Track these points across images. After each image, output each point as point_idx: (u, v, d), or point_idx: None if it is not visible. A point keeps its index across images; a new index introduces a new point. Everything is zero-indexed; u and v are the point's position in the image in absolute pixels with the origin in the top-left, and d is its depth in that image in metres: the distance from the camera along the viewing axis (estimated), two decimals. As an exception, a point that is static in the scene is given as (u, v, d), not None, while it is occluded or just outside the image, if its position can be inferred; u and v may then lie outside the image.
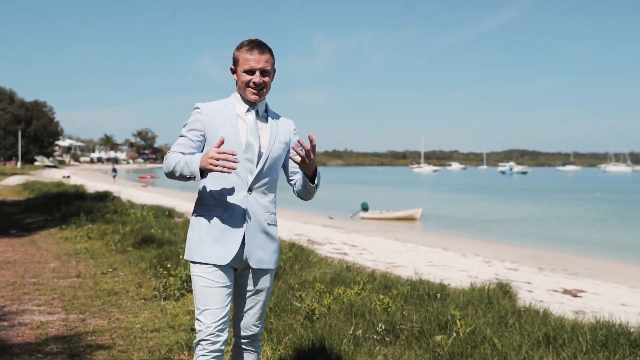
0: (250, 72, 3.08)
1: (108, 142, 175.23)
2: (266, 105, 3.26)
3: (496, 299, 5.64)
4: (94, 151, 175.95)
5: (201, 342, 3.03)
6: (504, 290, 6.84)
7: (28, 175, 51.23)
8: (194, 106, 3.19)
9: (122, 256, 9.48)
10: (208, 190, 3.11)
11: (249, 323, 3.18)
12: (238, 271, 3.14)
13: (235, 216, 3.05)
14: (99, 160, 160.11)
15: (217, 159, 2.81)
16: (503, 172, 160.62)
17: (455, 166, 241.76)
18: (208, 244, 3.05)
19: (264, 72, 3.10)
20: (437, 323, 4.71)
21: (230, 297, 3.08)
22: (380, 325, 4.72)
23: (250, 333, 3.20)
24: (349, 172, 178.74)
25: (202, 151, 3.12)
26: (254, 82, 3.08)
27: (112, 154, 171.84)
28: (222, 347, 3.06)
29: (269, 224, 3.15)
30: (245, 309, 3.17)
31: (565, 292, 10.14)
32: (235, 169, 2.86)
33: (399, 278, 6.93)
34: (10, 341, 5.23)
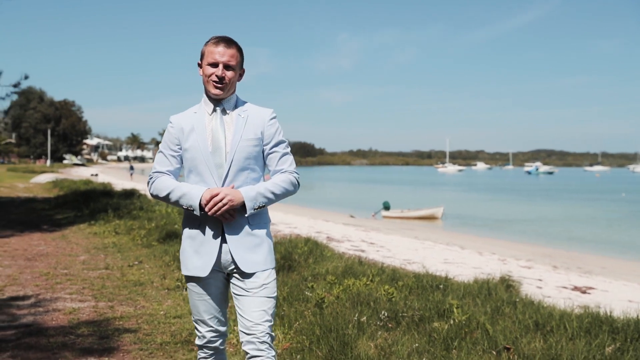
0: (214, 64, 3.04)
1: (135, 141, 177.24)
2: (236, 102, 3.17)
3: (495, 291, 6.00)
4: (120, 150, 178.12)
5: (203, 348, 3.25)
6: (507, 284, 7.18)
7: (57, 173, 52.31)
8: (169, 120, 3.19)
9: (147, 250, 9.98)
10: None
11: (250, 322, 3.01)
12: (233, 277, 3.10)
13: (210, 225, 3.03)
14: (126, 158, 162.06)
15: (219, 208, 2.93)
16: (529, 172, 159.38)
17: (481, 166, 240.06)
18: (190, 257, 3.09)
19: (227, 67, 3.04)
20: (436, 311, 5.09)
21: (221, 303, 3.16)
22: (383, 312, 5.11)
23: (255, 334, 2.99)
24: (374, 171, 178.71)
25: (181, 163, 3.15)
26: (216, 75, 3.02)
27: (138, 152, 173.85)
28: (222, 347, 3.26)
29: (251, 224, 3.06)
30: (245, 309, 3.05)
31: (575, 288, 10.41)
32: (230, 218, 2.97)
33: (407, 271, 7.31)
34: (45, 324, 5.71)
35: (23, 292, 7.07)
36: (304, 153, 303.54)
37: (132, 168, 62.01)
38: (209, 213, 2.93)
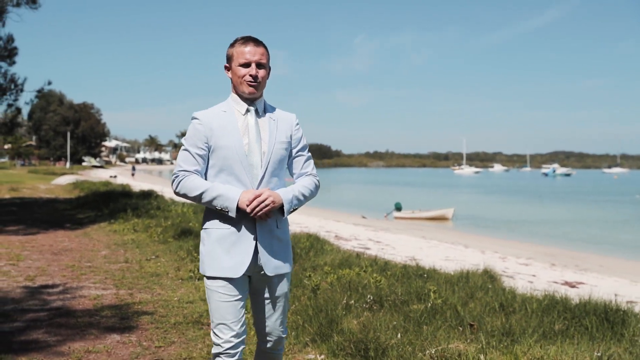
0: (246, 65, 3.03)
1: (152, 143, 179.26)
2: (265, 103, 3.18)
3: (473, 280, 6.66)
4: (138, 152, 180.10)
5: (220, 355, 3.01)
6: (489, 275, 7.82)
7: (77, 175, 53.57)
8: (192, 116, 3.11)
9: (163, 246, 10.73)
10: None
11: (273, 329, 3.14)
12: (254, 278, 3.11)
13: (244, 226, 3.00)
14: (144, 160, 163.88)
15: (261, 208, 2.91)
16: (546, 174, 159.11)
17: (498, 168, 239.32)
18: (220, 257, 3.00)
19: (259, 65, 3.04)
20: (416, 295, 5.78)
21: (244, 308, 3.08)
22: (369, 296, 5.79)
23: (275, 338, 3.17)
24: (390, 173, 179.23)
25: (207, 161, 3.09)
26: (250, 75, 3.01)
27: (156, 154, 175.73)
28: (240, 357, 3.06)
29: (278, 228, 3.08)
30: (267, 315, 3.11)
31: (565, 283, 10.99)
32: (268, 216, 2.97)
33: (397, 263, 7.99)
34: (73, 308, 6.46)
35: (52, 281, 7.85)
36: (320, 155, 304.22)
37: (134, 169, 70.98)
38: (252, 214, 2.91)
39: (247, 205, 2.90)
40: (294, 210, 3.06)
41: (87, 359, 4.83)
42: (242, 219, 2.98)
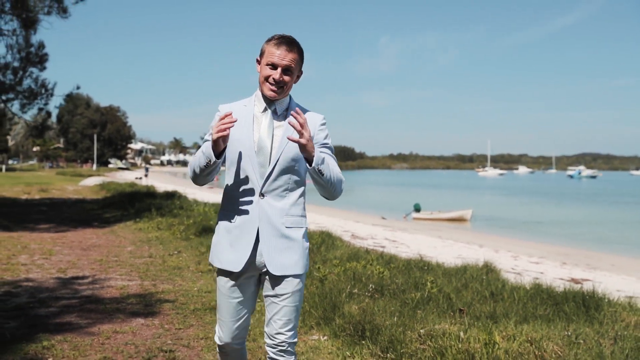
0: (273, 66, 2.97)
1: (177, 145, 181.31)
2: (289, 103, 3.12)
3: (470, 272, 7.14)
4: (163, 154, 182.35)
5: (218, 348, 3.26)
6: (489, 269, 8.27)
7: (103, 177, 54.76)
8: (217, 108, 3.16)
9: (185, 242, 11.34)
10: (226, 194, 3.13)
11: (274, 329, 3.04)
12: (264, 278, 3.10)
13: (247, 221, 3.01)
14: (169, 162, 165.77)
15: (218, 126, 2.84)
16: (571, 176, 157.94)
17: (523, 170, 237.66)
18: (224, 249, 3.06)
19: (286, 70, 2.97)
20: (414, 285, 6.27)
21: (246, 309, 3.13)
22: (371, 285, 6.30)
23: (277, 341, 3.03)
24: (414, 175, 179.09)
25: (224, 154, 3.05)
26: (273, 78, 2.96)
27: (181, 156, 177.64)
28: (240, 353, 3.27)
29: (287, 227, 3.03)
30: (271, 315, 3.06)
31: (572, 280, 11.35)
32: (232, 124, 2.85)
33: (401, 257, 8.48)
34: (102, 296, 7.06)
35: (82, 273, 8.47)
36: (344, 157, 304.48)
37: (147, 169, 71.91)
38: (219, 127, 2.83)
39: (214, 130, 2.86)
40: (320, 173, 2.91)
41: (115, 338, 5.40)
42: (245, 214, 3.01)
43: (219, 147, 2.91)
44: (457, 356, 4.14)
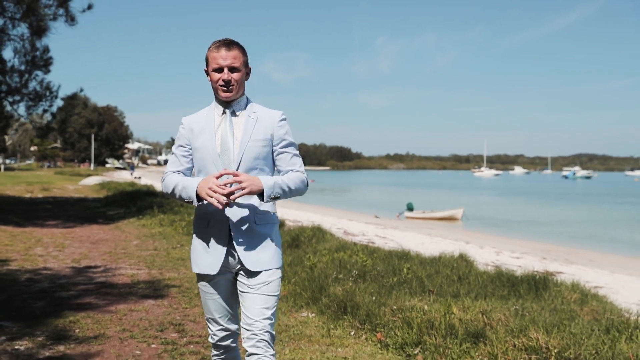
0: (219, 70, 3.07)
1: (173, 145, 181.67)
2: (246, 103, 3.21)
3: (444, 261, 7.99)
4: (160, 154, 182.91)
5: (213, 345, 3.29)
6: (464, 259, 9.10)
7: (102, 176, 55.54)
8: (181, 122, 3.25)
9: (187, 237, 12.17)
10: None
11: (250, 320, 3.01)
12: (238, 274, 3.13)
13: (218, 223, 3.06)
14: (165, 162, 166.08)
15: (215, 192, 2.90)
16: (566, 177, 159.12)
17: (518, 170, 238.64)
18: (200, 255, 3.13)
19: (232, 69, 3.07)
20: (392, 271, 7.11)
21: (231, 303, 3.20)
22: (354, 271, 7.14)
23: (252, 332, 3.00)
24: (410, 175, 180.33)
25: (192, 162, 3.20)
26: (222, 80, 3.06)
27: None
28: (234, 345, 3.32)
29: (258, 224, 3.09)
30: (247, 307, 3.06)
31: (545, 272, 12.19)
32: (224, 205, 2.91)
33: (384, 249, 9.33)
34: (114, 282, 7.90)
35: (94, 263, 9.31)
36: (340, 157, 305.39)
37: (132, 168, 74.61)
38: (214, 195, 2.89)
39: (214, 192, 2.90)
40: (276, 198, 3.05)
41: (130, 315, 6.23)
42: (215, 217, 3.06)
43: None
44: (421, 325, 4.98)
